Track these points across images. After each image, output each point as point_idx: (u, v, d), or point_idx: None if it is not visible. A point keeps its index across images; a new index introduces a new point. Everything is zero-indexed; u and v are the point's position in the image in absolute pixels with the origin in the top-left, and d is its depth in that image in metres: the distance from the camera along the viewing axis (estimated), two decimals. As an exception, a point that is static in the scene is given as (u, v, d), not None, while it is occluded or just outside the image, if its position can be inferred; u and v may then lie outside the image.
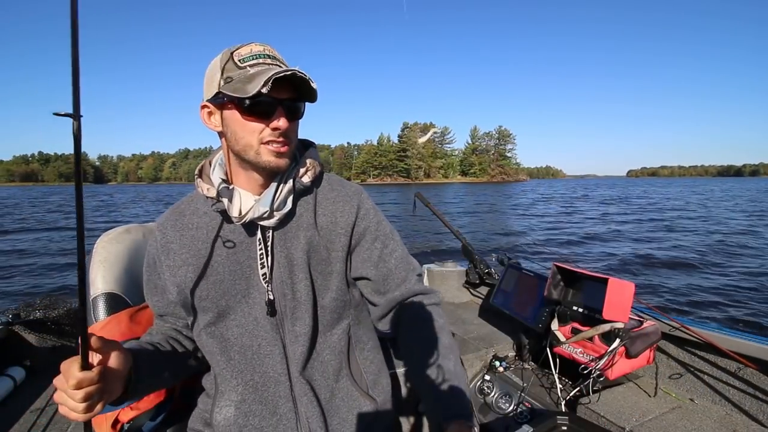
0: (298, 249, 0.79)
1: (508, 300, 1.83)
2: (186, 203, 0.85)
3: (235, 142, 0.73)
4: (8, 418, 1.30)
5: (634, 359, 1.30)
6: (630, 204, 24.17)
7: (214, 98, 0.72)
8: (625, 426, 1.17)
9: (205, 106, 0.74)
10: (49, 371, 1.58)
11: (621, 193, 40.22)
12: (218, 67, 0.71)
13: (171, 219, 0.82)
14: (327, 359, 0.82)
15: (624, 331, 1.26)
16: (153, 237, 0.83)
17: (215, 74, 0.71)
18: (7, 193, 58.92)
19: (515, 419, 1.37)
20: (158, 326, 0.87)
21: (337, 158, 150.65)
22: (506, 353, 1.68)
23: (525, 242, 10.49)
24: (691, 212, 17.69)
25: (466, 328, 1.87)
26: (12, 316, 1.61)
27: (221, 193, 0.75)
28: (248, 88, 0.65)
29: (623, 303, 1.26)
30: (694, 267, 7.21)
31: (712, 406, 1.27)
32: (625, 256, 8.34)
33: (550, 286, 1.50)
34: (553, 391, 1.39)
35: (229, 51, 0.72)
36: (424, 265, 2.47)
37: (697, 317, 4.60)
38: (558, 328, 1.46)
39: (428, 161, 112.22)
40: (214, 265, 0.78)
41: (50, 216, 19.58)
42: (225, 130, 0.74)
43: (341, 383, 0.83)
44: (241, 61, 0.70)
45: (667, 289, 5.85)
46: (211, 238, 0.79)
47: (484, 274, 2.22)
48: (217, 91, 0.70)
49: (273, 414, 0.79)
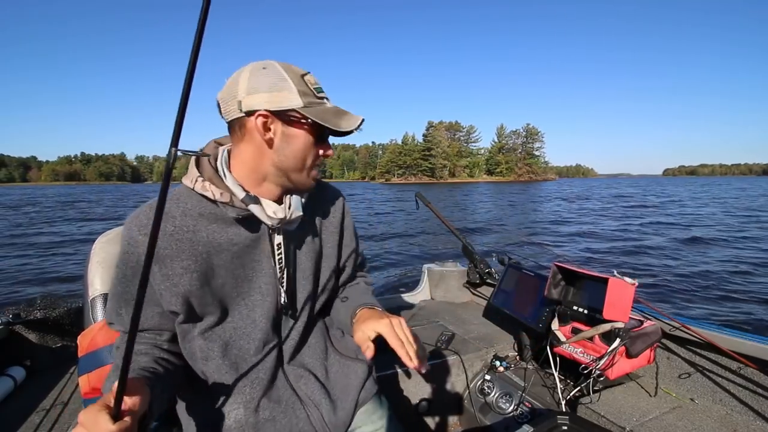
0: (303, 251, 0.86)
1: (508, 300, 1.83)
2: (171, 204, 0.76)
3: (286, 158, 0.76)
4: (8, 418, 1.30)
5: (634, 359, 1.30)
6: (645, 203, 23.99)
7: (281, 112, 0.72)
8: (625, 426, 1.17)
9: (266, 115, 0.72)
10: (50, 371, 1.58)
11: (643, 191, 39.91)
12: (291, 85, 0.72)
13: (168, 219, 0.75)
14: (314, 343, 0.91)
15: (624, 330, 1.26)
16: (129, 243, 0.74)
17: (287, 90, 0.72)
18: (53, 191, 63.15)
19: (516, 419, 1.37)
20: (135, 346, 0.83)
21: (362, 158, 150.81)
22: (507, 353, 1.68)
23: (525, 242, 10.50)
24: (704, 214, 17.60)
25: (467, 328, 1.87)
26: (12, 316, 1.61)
27: (246, 200, 0.76)
28: (342, 123, 0.74)
29: (623, 302, 1.26)
30: (695, 267, 7.21)
31: (712, 405, 1.27)
32: (626, 256, 8.34)
33: (550, 286, 1.50)
34: (554, 391, 1.39)
35: (296, 71, 0.74)
36: (425, 265, 2.48)
37: (697, 317, 4.60)
38: (558, 328, 1.46)
39: (453, 160, 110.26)
40: (217, 269, 0.77)
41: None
42: (282, 145, 0.75)
43: (331, 359, 0.93)
44: (316, 90, 0.75)
45: (668, 289, 5.85)
46: (213, 242, 0.76)
47: (484, 274, 2.22)
48: (290, 108, 0.72)
49: (279, 403, 0.82)
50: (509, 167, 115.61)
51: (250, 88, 0.72)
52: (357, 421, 0.91)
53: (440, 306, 2.25)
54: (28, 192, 58.26)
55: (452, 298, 2.35)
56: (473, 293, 2.33)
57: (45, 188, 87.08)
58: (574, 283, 1.51)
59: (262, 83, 0.72)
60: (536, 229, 13.13)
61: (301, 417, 0.83)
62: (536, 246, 9.80)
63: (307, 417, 0.83)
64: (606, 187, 57.68)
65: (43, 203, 29.01)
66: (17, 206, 25.96)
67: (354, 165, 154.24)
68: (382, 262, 7.81)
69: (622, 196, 31.30)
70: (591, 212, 18.54)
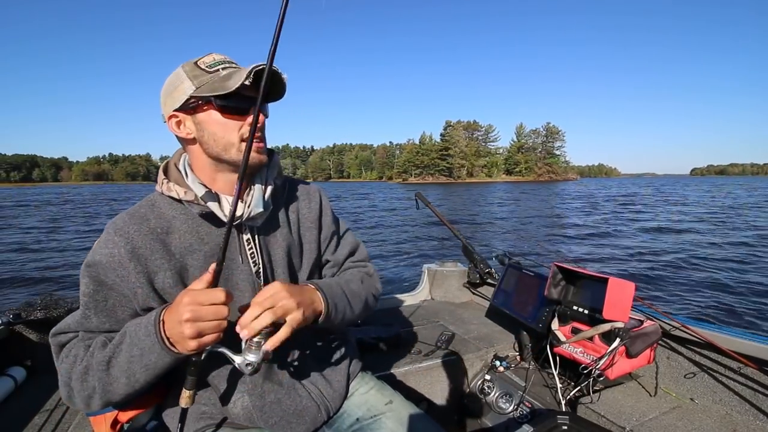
0: (277, 246, 0.88)
1: (508, 300, 1.83)
2: (146, 208, 0.79)
3: (214, 143, 0.76)
4: (9, 418, 1.30)
5: (634, 359, 1.30)
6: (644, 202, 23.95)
7: (184, 105, 0.74)
8: (625, 426, 1.17)
9: (174, 115, 0.76)
10: (51, 371, 1.58)
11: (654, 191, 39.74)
12: (183, 76, 0.74)
13: (133, 225, 0.77)
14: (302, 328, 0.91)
15: (624, 330, 1.26)
16: (108, 246, 0.74)
17: (181, 83, 0.74)
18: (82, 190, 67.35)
19: (516, 419, 1.37)
20: None
21: (379, 158, 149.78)
22: (507, 353, 1.68)
23: (525, 242, 10.50)
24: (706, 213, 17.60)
25: (467, 328, 1.87)
26: (13, 316, 1.61)
27: (205, 197, 0.77)
28: (229, 84, 0.70)
29: (623, 302, 1.26)
30: (695, 266, 7.21)
31: (712, 405, 1.27)
32: (626, 256, 8.34)
33: (550, 286, 1.51)
34: (554, 391, 1.40)
35: (191, 61, 0.75)
36: (425, 265, 2.48)
37: (697, 317, 4.60)
38: (558, 328, 1.47)
39: (471, 160, 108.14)
40: (191, 270, 0.79)
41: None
42: (200, 134, 0.77)
43: (318, 339, 0.97)
44: (209, 66, 0.74)
45: (668, 289, 5.85)
46: (186, 242, 0.78)
47: (484, 274, 2.22)
48: (188, 97, 0.73)
49: (281, 386, 0.87)
50: (528, 167, 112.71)
51: (162, 99, 0.77)
52: (351, 389, 1.01)
53: (440, 306, 2.25)
54: (64, 191, 60.82)
55: (452, 298, 2.35)
56: (473, 293, 2.34)
57: (78, 187, 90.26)
58: (574, 283, 1.51)
59: (164, 90, 0.77)
60: (535, 229, 13.13)
61: (303, 395, 0.89)
62: (536, 245, 9.80)
63: (308, 394, 0.90)
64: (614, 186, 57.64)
65: (78, 200, 31.43)
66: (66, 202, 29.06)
67: (371, 165, 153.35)
68: (383, 262, 7.81)
69: (625, 196, 31.29)
70: (592, 212, 18.54)
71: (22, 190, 71.00)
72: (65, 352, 0.76)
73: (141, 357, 0.68)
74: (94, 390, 0.71)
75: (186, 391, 0.71)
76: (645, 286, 5.94)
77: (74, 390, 0.73)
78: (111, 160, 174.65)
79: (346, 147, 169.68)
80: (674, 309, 4.83)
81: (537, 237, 11.43)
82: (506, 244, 10.14)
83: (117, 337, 0.72)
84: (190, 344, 0.65)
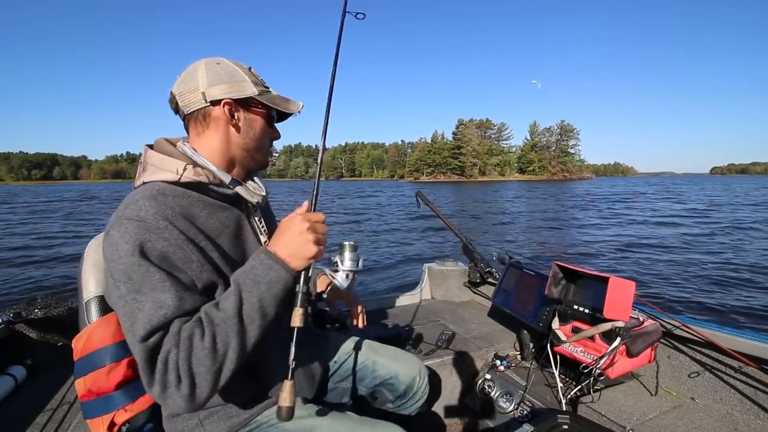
0: (272, 225, 1.00)
1: (509, 299, 1.83)
2: (169, 194, 0.76)
3: (251, 141, 0.87)
4: (9, 418, 1.30)
5: (634, 358, 1.30)
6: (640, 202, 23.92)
7: (244, 100, 0.84)
8: (626, 425, 1.17)
9: (229, 103, 0.82)
10: (51, 370, 1.59)
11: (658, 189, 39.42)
12: (243, 75, 0.84)
13: (170, 209, 0.74)
14: None
15: (625, 329, 1.26)
16: (155, 230, 0.71)
17: (244, 80, 0.83)
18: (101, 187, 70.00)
19: (516, 418, 1.37)
20: None
21: (391, 156, 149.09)
22: (507, 352, 1.68)
23: (527, 241, 10.50)
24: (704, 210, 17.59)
25: (467, 327, 1.87)
26: (13, 315, 1.61)
27: (232, 183, 0.85)
28: (290, 107, 0.89)
29: (624, 302, 1.26)
30: (695, 266, 7.21)
31: (712, 404, 1.27)
32: (626, 255, 8.34)
33: (550, 285, 1.50)
34: (554, 390, 1.40)
35: (245, 67, 0.86)
36: (425, 264, 2.48)
37: (697, 316, 4.60)
38: (559, 327, 1.47)
39: (483, 159, 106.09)
40: (225, 247, 0.82)
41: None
42: (243, 128, 0.86)
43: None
44: (262, 80, 0.88)
45: (668, 288, 5.85)
46: (212, 226, 0.81)
47: (485, 273, 2.22)
48: (249, 96, 0.83)
49: (307, 358, 0.99)
50: (542, 165, 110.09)
51: (211, 81, 0.81)
52: (342, 354, 1.16)
53: (441, 305, 2.25)
54: (89, 188, 62.79)
55: (453, 297, 2.35)
56: (474, 292, 2.33)
57: (98, 185, 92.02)
58: (575, 282, 1.51)
59: (221, 76, 0.82)
60: (539, 229, 13.13)
61: (316, 369, 1.01)
62: (537, 245, 9.79)
63: (317, 364, 1.02)
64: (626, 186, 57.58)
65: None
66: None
67: (383, 164, 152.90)
68: (383, 262, 7.81)
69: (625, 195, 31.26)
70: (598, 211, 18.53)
71: (45, 188, 73.01)
72: (168, 344, 0.67)
73: (269, 290, 0.73)
74: (227, 349, 0.68)
75: (298, 309, 0.78)
76: (645, 285, 5.94)
77: (200, 374, 0.66)
78: (128, 159, 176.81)
79: (358, 146, 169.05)
80: (675, 308, 4.83)
81: (539, 236, 11.43)
82: (509, 243, 10.14)
83: (228, 292, 0.71)
84: (312, 250, 0.75)
